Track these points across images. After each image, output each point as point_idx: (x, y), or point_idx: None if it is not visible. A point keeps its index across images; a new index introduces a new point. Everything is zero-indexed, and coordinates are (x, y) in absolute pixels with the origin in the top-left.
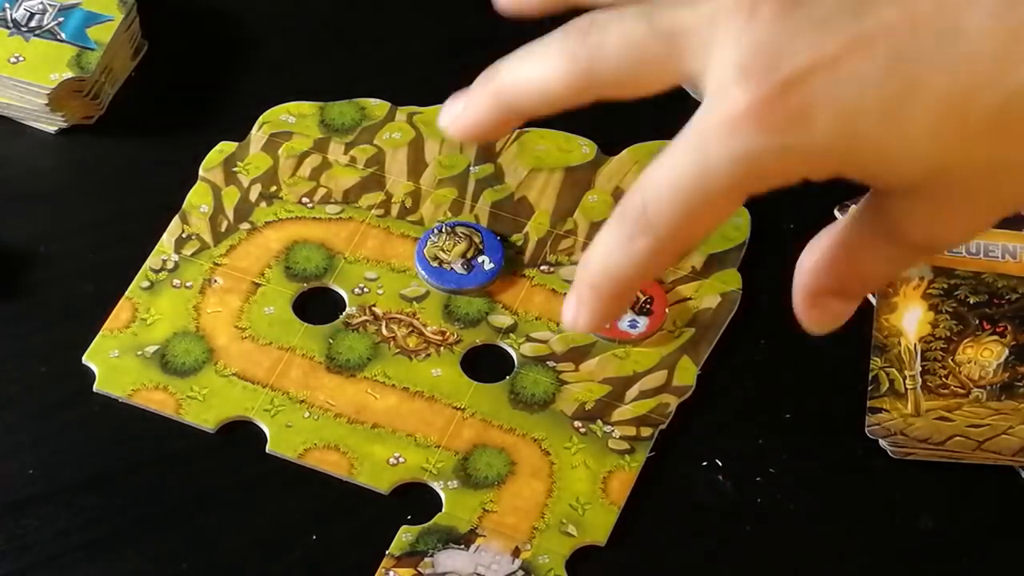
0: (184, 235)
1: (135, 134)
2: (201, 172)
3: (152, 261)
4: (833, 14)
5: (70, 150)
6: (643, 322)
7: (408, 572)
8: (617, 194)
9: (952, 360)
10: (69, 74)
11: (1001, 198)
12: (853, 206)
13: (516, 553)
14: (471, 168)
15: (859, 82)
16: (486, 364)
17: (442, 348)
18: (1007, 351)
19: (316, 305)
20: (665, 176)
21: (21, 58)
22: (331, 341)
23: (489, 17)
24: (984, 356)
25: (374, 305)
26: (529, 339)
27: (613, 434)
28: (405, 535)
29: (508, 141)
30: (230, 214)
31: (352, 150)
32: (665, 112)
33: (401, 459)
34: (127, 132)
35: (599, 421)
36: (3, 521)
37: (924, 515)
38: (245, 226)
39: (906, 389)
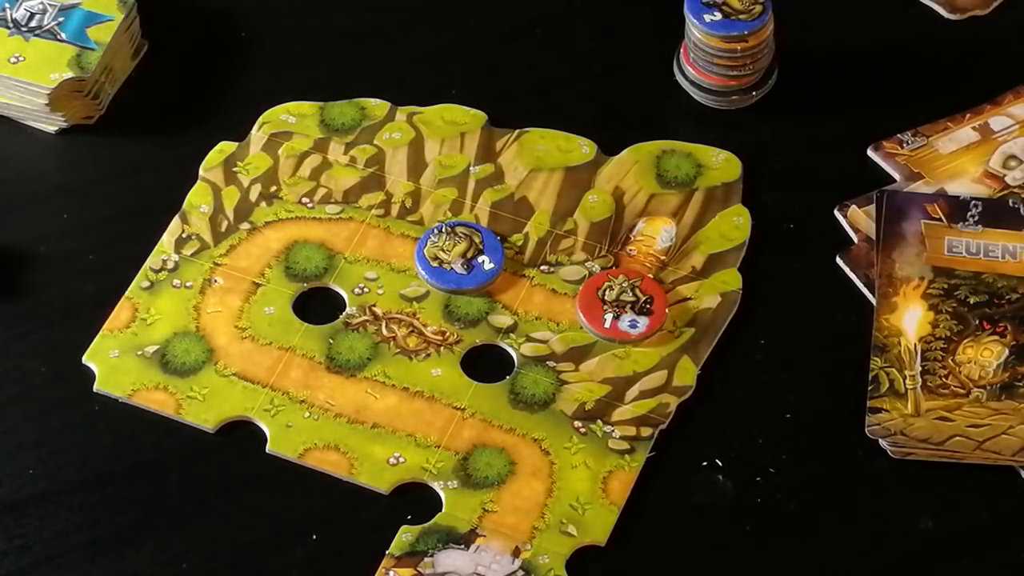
0: (184, 235)
1: (135, 134)
2: (201, 172)
3: (152, 261)
4: None
5: (70, 150)
6: (643, 322)
7: (408, 572)
8: (617, 194)
9: (952, 360)
10: (69, 74)
11: None
12: (853, 206)
13: (516, 553)
14: (471, 168)
15: None
16: (486, 364)
17: (442, 348)
18: (1007, 351)
19: (316, 305)
20: None
21: (21, 58)
22: (331, 341)
23: (488, 17)
24: (984, 356)
25: (374, 305)
26: (529, 339)
27: (613, 434)
28: (405, 535)
29: (508, 141)
30: (230, 214)
31: (352, 150)
32: (665, 112)
33: (401, 459)
34: (127, 132)
35: (599, 421)
36: (3, 521)
37: (924, 515)
38: (245, 226)
39: (906, 389)
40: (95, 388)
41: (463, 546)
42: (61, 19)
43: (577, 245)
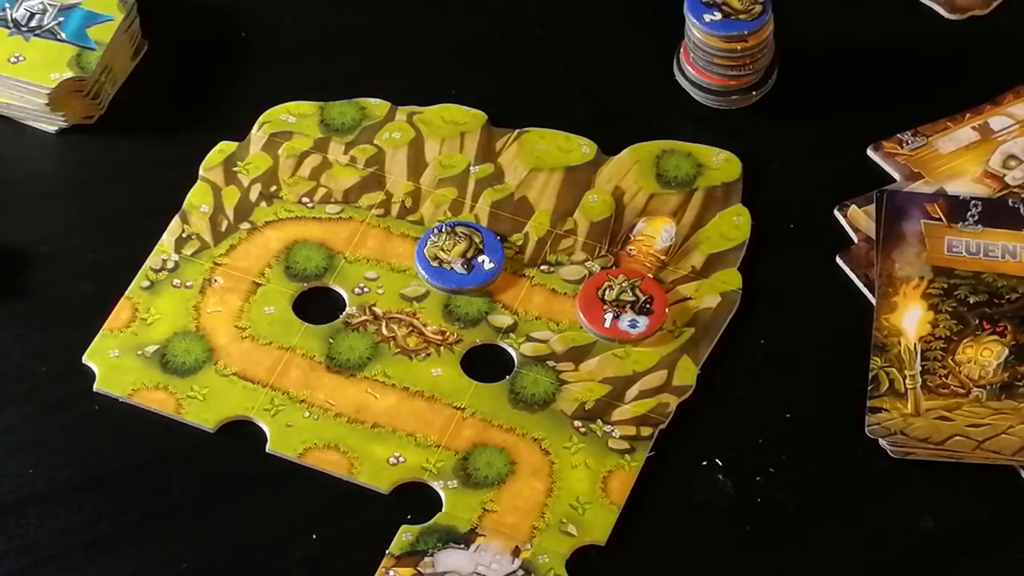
0: (184, 235)
1: (135, 134)
2: (201, 172)
3: (152, 261)
4: None
5: (70, 150)
6: (643, 322)
7: (408, 572)
8: (617, 194)
9: (952, 360)
10: (69, 74)
11: None
12: (853, 206)
13: (516, 553)
14: (471, 168)
15: None
16: (486, 364)
17: (442, 348)
18: (1007, 351)
19: (316, 305)
20: None
21: (21, 58)
22: (331, 341)
23: (488, 17)
24: (984, 356)
25: (374, 305)
26: (529, 339)
27: (613, 434)
28: (405, 535)
29: (508, 141)
30: (230, 214)
31: (352, 150)
32: (665, 112)
33: (401, 459)
34: (127, 132)
35: (599, 421)
36: (3, 521)
37: (924, 515)
38: (245, 226)
39: (906, 389)
40: (95, 388)
41: (463, 546)
42: (61, 19)
43: (577, 245)
